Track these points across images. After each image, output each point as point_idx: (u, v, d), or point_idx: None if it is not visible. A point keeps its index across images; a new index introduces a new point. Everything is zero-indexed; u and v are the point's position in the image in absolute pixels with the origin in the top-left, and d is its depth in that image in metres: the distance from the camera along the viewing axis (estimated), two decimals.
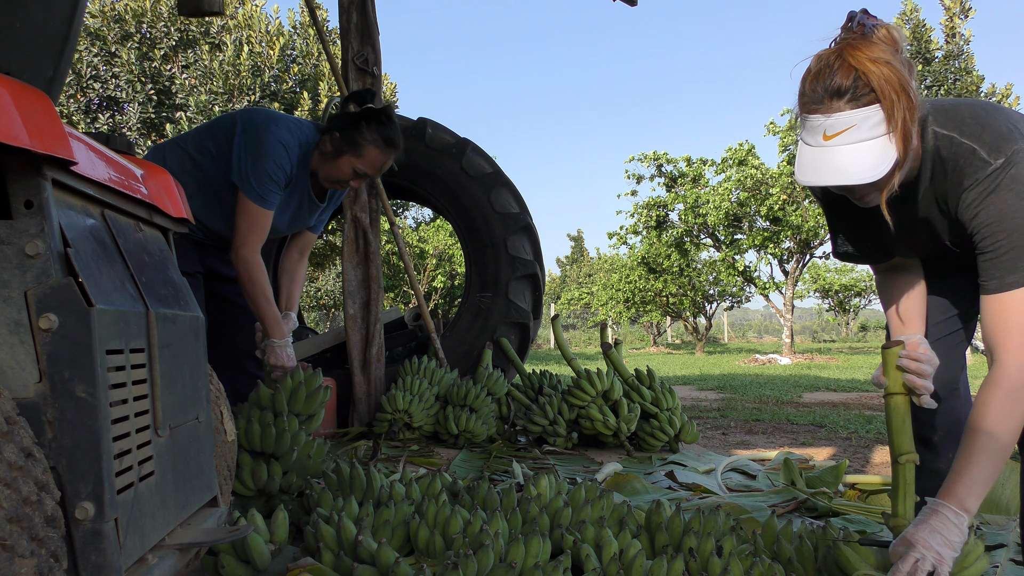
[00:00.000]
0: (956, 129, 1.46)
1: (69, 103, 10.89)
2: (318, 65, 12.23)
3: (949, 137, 1.46)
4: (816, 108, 1.39)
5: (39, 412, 0.91)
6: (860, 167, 1.37)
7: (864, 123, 1.36)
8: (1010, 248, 1.40)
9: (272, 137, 2.42)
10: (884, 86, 1.35)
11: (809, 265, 18.39)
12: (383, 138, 2.49)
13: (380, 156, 2.51)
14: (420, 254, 16.49)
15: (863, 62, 1.36)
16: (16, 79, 0.92)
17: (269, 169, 2.41)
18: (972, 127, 1.45)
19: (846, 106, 1.37)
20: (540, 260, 4.30)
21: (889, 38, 1.40)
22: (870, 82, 1.35)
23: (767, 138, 5.38)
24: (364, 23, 3.84)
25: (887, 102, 1.36)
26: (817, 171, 1.39)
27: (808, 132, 1.41)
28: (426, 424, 3.65)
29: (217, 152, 2.49)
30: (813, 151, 1.40)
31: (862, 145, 1.37)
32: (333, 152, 2.50)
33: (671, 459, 3.39)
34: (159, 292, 1.24)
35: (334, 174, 2.54)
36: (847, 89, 1.36)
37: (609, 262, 25.93)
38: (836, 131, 1.37)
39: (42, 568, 0.81)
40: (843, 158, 1.37)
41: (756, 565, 1.69)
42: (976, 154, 1.43)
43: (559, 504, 1.99)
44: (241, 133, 2.46)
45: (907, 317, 1.71)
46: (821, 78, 1.38)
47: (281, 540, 1.89)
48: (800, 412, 5.74)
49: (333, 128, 2.51)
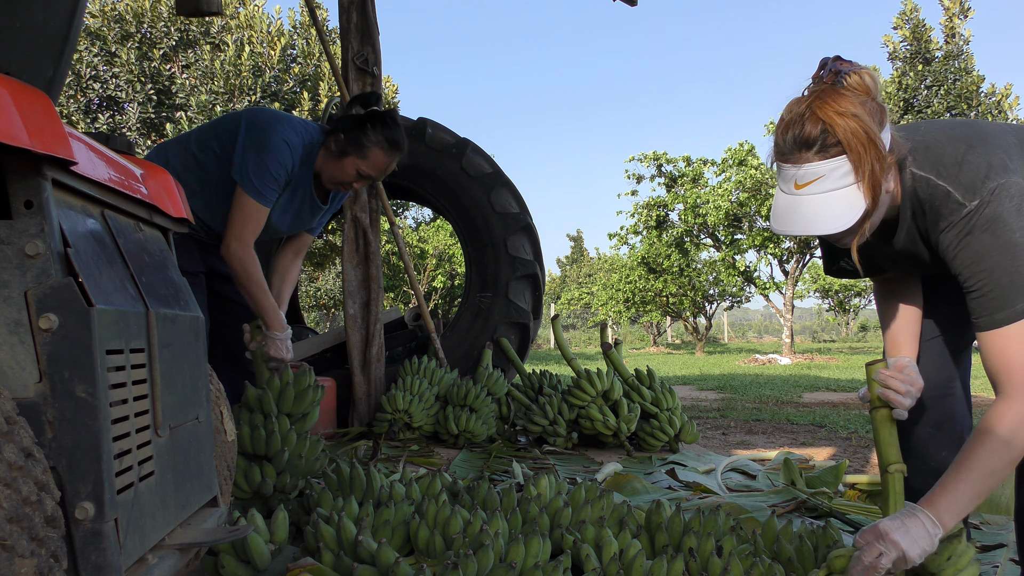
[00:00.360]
0: (933, 171, 1.49)
1: (69, 103, 10.90)
2: (318, 65, 12.24)
3: (926, 179, 1.49)
4: (788, 158, 1.44)
5: (39, 412, 0.91)
6: (828, 217, 1.42)
7: (832, 174, 1.41)
8: (992, 287, 1.43)
9: (277, 135, 2.42)
10: (851, 139, 1.39)
11: (809, 265, 18.37)
12: (387, 140, 2.50)
13: (384, 158, 2.52)
14: (420, 254, 16.49)
15: (830, 115, 1.39)
16: (16, 79, 0.92)
17: (270, 166, 2.41)
18: (950, 168, 1.48)
19: (814, 157, 1.41)
20: (540, 260, 4.30)
21: (861, 85, 1.43)
22: (836, 135, 1.39)
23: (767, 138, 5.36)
24: (364, 23, 3.84)
25: (853, 154, 1.40)
26: (789, 220, 1.45)
27: (782, 179, 1.47)
28: (426, 424, 3.65)
29: (221, 151, 2.49)
30: (786, 199, 1.46)
31: (831, 195, 1.42)
32: (337, 153, 2.51)
33: (671, 459, 3.39)
34: (159, 292, 1.24)
35: (338, 175, 2.54)
36: (815, 141, 1.40)
37: (609, 262, 25.93)
38: (806, 181, 1.42)
39: (42, 568, 0.81)
40: (813, 207, 1.42)
41: (756, 565, 1.69)
42: (951, 196, 1.46)
43: (559, 504, 1.99)
44: (245, 131, 2.46)
45: (899, 339, 1.74)
46: (791, 128, 1.43)
47: (281, 540, 1.89)
48: (800, 412, 5.74)
49: (338, 129, 2.51)
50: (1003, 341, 1.44)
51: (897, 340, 1.74)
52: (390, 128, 2.50)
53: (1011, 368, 1.44)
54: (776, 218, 1.47)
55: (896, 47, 15.45)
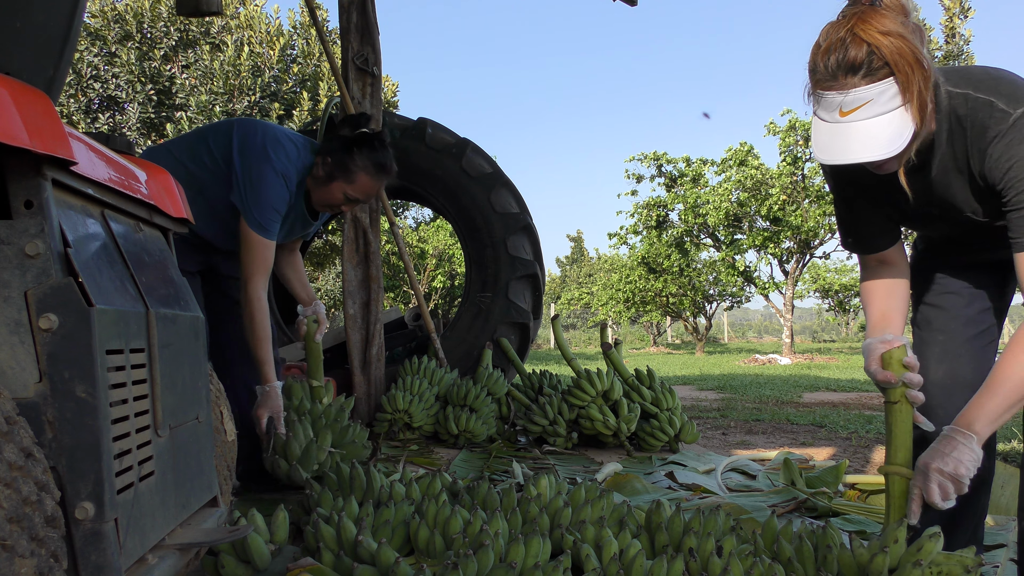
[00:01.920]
0: (970, 86, 1.45)
1: (69, 103, 10.89)
2: (318, 65, 12.23)
3: (963, 95, 1.45)
4: (831, 85, 1.38)
5: (39, 412, 0.90)
6: (879, 141, 1.36)
7: (880, 97, 1.36)
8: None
9: (271, 171, 2.41)
10: (898, 60, 1.34)
11: (809, 265, 18.38)
12: (374, 164, 2.49)
13: (371, 183, 2.51)
14: (420, 254, 16.49)
15: (874, 36, 1.34)
16: (16, 79, 0.92)
17: (273, 202, 2.42)
18: (986, 81, 1.44)
19: (861, 82, 1.36)
20: (540, 260, 4.30)
21: (897, 5, 1.38)
22: (883, 56, 1.34)
23: (767, 138, 5.36)
24: (364, 23, 3.84)
25: (902, 75, 1.35)
26: (837, 149, 1.39)
27: (823, 108, 1.40)
28: (426, 424, 3.65)
29: (211, 163, 2.48)
30: (831, 127, 1.40)
31: (880, 119, 1.36)
32: (325, 177, 2.50)
33: (671, 459, 3.39)
34: (159, 292, 1.24)
35: (326, 199, 2.55)
36: (861, 64, 1.35)
37: (609, 262, 25.92)
38: (852, 107, 1.37)
39: (42, 568, 0.81)
40: (862, 133, 1.37)
41: (756, 565, 1.69)
42: (994, 106, 1.41)
43: (559, 504, 1.99)
44: (239, 155, 2.43)
45: (890, 315, 1.69)
46: (833, 53, 1.36)
47: (281, 540, 1.89)
48: (800, 412, 5.74)
49: (325, 152, 2.50)
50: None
51: (889, 316, 1.69)
52: (377, 151, 2.49)
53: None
54: (821, 149, 1.41)
55: None
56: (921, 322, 1.83)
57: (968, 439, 1.44)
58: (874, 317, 1.70)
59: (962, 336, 1.74)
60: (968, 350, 1.71)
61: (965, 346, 1.72)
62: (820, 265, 20.49)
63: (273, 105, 11.24)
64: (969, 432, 1.44)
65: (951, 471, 1.44)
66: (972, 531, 1.80)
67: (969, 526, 1.78)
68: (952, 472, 1.44)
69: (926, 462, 1.48)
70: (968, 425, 1.45)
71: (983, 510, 1.80)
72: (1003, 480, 2.74)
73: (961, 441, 1.45)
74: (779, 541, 1.79)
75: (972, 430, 1.44)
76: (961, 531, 1.77)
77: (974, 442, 1.44)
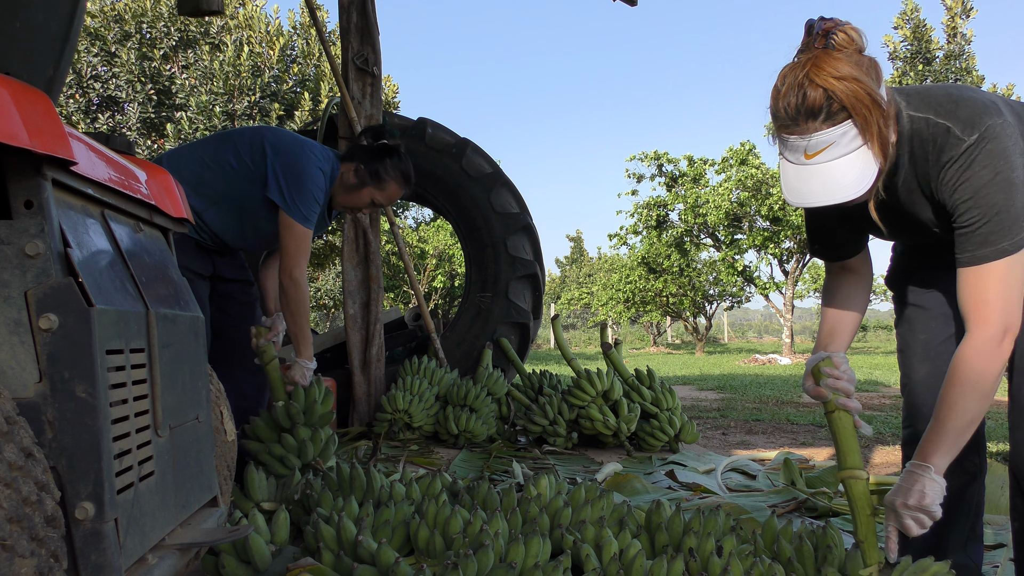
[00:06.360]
0: (931, 110, 1.49)
1: (69, 103, 10.89)
2: (318, 65, 12.23)
3: (924, 119, 1.49)
4: (793, 129, 1.42)
5: (39, 412, 0.90)
6: (847, 182, 1.41)
7: (842, 139, 1.40)
8: (984, 223, 1.44)
9: (311, 163, 2.54)
10: (855, 103, 1.38)
11: (809, 265, 18.37)
12: (402, 173, 2.68)
13: (398, 191, 2.70)
14: (420, 254, 16.49)
15: (829, 81, 1.38)
16: (16, 79, 0.92)
17: (313, 191, 2.54)
18: (945, 105, 1.48)
19: (822, 126, 1.39)
20: (540, 260, 4.30)
21: (848, 40, 1.41)
22: (840, 100, 1.38)
23: (767, 138, 5.43)
24: (364, 23, 3.84)
25: (860, 118, 1.39)
26: (806, 191, 1.43)
27: (789, 151, 1.45)
28: (426, 424, 3.65)
29: (240, 167, 2.54)
30: (797, 170, 1.44)
31: (844, 160, 1.41)
32: (357, 184, 2.64)
33: (671, 459, 3.39)
34: (159, 292, 1.24)
35: (353, 202, 2.69)
36: (820, 109, 1.39)
37: (609, 262, 25.92)
38: (816, 150, 1.41)
39: (42, 568, 0.81)
40: (828, 175, 1.41)
41: (756, 565, 1.69)
42: (951, 132, 1.46)
43: (559, 504, 1.99)
44: (273, 154, 2.53)
45: (837, 329, 1.73)
46: (793, 98, 1.40)
47: (281, 540, 1.89)
48: (800, 412, 5.74)
49: (356, 160, 2.64)
50: (982, 278, 1.46)
51: (836, 332, 1.72)
52: (404, 162, 2.69)
53: (980, 304, 1.46)
54: (791, 191, 1.45)
55: (896, 47, 15.44)
56: (903, 323, 1.86)
57: (926, 471, 1.50)
58: (822, 333, 1.75)
59: (943, 334, 1.77)
60: (949, 348, 1.73)
61: (946, 344, 1.75)
62: (820, 265, 20.49)
63: (273, 105, 11.24)
64: (927, 464, 1.50)
65: (916, 503, 1.49)
66: (970, 527, 1.81)
67: (966, 522, 1.80)
68: (917, 504, 1.49)
69: (892, 500, 1.53)
70: (925, 458, 1.51)
71: (979, 505, 1.82)
72: (1003, 480, 2.74)
73: (920, 474, 1.50)
74: (779, 541, 1.79)
75: (929, 462, 1.50)
76: (957, 528, 1.78)
77: (932, 472, 1.49)
